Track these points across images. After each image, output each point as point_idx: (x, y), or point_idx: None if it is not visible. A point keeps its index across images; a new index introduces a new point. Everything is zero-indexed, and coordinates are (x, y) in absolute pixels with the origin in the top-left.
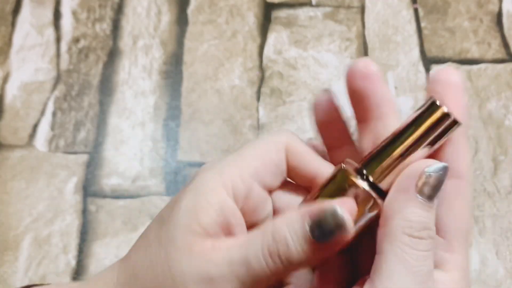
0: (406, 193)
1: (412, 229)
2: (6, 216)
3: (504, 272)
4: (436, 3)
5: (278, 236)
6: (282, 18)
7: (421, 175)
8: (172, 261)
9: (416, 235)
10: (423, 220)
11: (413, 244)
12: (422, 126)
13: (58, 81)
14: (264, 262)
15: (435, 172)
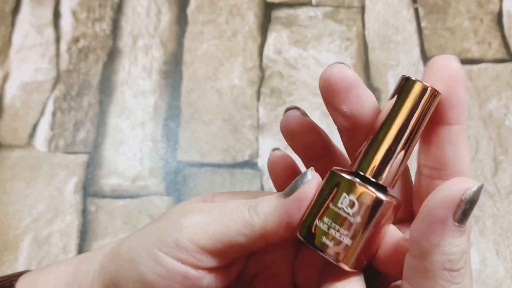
0: (444, 224)
1: (453, 262)
2: (6, 216)
3: (504, 272)
4: (436, 3)
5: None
6: (282, 18)
7: (460, 203)
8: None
9: (456, 268)
10: (462, 249)
11: (453, 278)
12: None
13: (58, 81)
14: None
15: (475, 196)
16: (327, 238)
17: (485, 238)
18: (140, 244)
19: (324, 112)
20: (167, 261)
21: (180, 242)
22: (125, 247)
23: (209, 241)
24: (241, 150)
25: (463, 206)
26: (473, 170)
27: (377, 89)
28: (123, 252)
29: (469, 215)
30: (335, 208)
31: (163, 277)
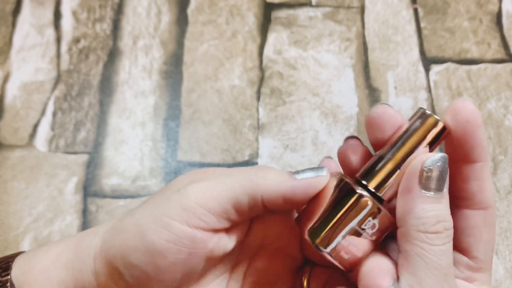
0: (412, 192)
1: (426, 225)
2: (6, 216)
3: (503, 271)
4: (435, 3)
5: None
6: (282, 18)
7: (421, 171)
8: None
9: (431, 231)
10: (435, 214)
11: (430, 240)
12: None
13: (58, 81)
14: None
15: (433, 164)
16: (345, 252)
17: None
18: (146, 215)
19: (323, 112)
20: (175, 226)
21: (188, 206)
22: (130, 221)
23: (215, 203)
24: (241, 150)
25: (426, 174)
26: None
27: (377, 89)
28: (128, 226)
29: (436, 183)
30: (359, 229)
31: (172, 242)
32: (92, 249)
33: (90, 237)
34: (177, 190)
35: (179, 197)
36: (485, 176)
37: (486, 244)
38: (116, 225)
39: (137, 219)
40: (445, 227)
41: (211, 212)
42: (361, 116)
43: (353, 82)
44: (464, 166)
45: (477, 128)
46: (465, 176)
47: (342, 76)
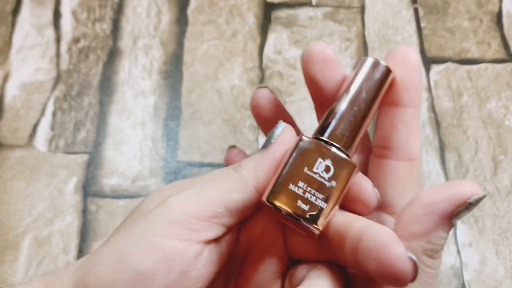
0: (441, 218)
1: (434, 251)
2: (6, 216)
3: (503, 272)
4: (436, 3)
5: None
6: (282, 18)
7: (463, 204)
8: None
9: (435, 256)
10: (443, 243)
11: (431, 264)
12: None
13: (58, 81)
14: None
15: (478, 201)
16: (303, 202)
17: (485, 238)
18: (124, 239)
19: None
20: (162, 243)
21: (174, 218)
22: (104, 251)
23: (203, 208)
24: None
25: (464, 208)
26: (473, 170)
27: None
28: (104, 256)
29: (462, 216)
30: (311, 173)
31: (160, 262)
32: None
33: (59, 278)
34: (155, 207)
35: (161, 211)
36: (414, 125)
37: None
38: (88, 259)
39: (113, 246)
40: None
41: (200, 219)
42: None
43: None
44: (395, 109)
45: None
46: (394, 121)
47: None
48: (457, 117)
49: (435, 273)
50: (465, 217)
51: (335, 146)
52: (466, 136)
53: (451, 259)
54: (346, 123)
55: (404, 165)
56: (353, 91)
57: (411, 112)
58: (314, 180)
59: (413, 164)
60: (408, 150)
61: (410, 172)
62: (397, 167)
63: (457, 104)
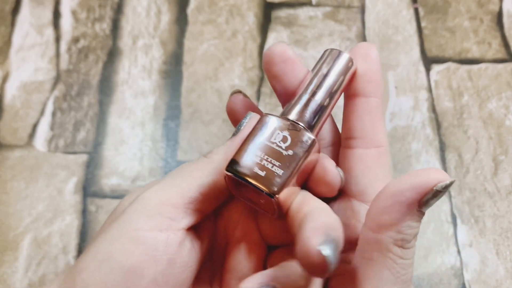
0: (408, 207)
1: (405, 241)
2: (6, 216)
3: (504, 272)
4: (436, 3)
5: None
6: (282, 18)
7: (431, 191)
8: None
9: (407, 246)
10: (414, 232)
11: (403, 254)
12: (323, 69)
13: (58, 81)
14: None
15: (445, 188)
16: (260, 168)
17: (485, 238)
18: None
19: None
20: (144, 236)
21: (151, 210)
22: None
23: (178, 196)
24: None
25: (431, 195)
26: (473, 170)
27: None
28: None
29: (432, 204)
30: (268, 142)
31: (145, 255)
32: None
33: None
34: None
35: (138, 206)
36: (378, 114)
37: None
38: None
39: (96, 250)
40: (416, 240)
41: (177, 207)
42: None
43: None
44: (359, 100)
45: (375, 63)
46: (360, 111)
47: None
48: (457, 117)
49: (408, 263)
50: (466, 217)
51: (294, 121)
52: (467, 136)
53: (452, 259)
54: (307, 104)
55: (372, 152)
56: (316, 77)
57: (375, 101)
58: (271, 148)
59: (381, 150)
60: (374, 138)
61: (378, 158)
62: (366, 154)
63: (458, 104)
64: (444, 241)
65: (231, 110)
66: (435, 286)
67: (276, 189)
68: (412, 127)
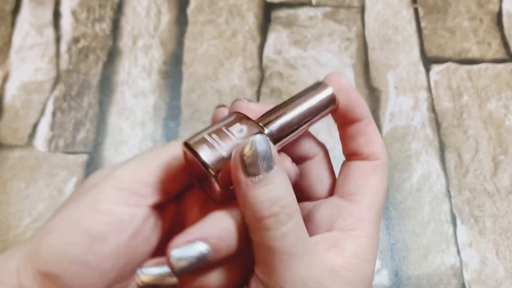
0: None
1: (261, 211)
2: (6, 216)
3: (504, 272)
4: (436, 3)
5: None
6: (282, 18)
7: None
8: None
9: (267, 215)
10: (268, 197)
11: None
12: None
13: (58, 81)
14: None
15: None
16: (208, 146)
17: (485, 238)
18: (76, 208)
19: None
20: (113, 208)
21: (122, 186)
22: (56, 221)
23: (148, 174)
24: None
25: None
26: (473, 170)
27: (377, 89)
28: (57, 225)
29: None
30: (226, 130)
31: (111, 225)
32: (13, 266)
33: (6, 256)
34: (103, 178)
35: (110, 181)
36: (370, 132)
37: (373, 192)
38: (37, 232)
39: (64, 215)
40: (282, 205)
41: (146, 185)
42: None
43: (353, 82)
44: (350, 127)
45: (351, 92)
46: (352, 135)
47: None
48: (457, 117)
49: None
50: (466, 217)
51: (259, 125)
52: (467, 136)
53: (451, 259)
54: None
55: (369, 164)
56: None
57: (364, 123)
58: (225, 134)
59: (377, 163)
60: (371, 152)
61: (373, 168)
62: (362, 165)
63: (457, 104)
64: (444, 241)
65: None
66: (435, 286)
67: (215, 170)
68: (412, 127)
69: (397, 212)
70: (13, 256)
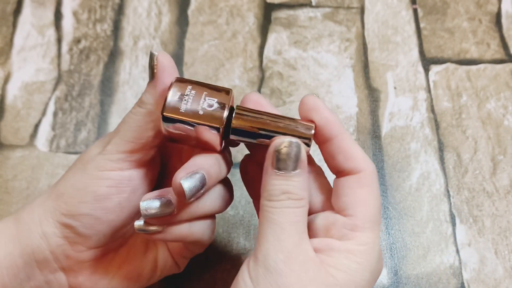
0: (266, 172)
1: (271, 195)
2: (7, 216)
3: (503, 271)
4: (435, 4)
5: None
6: (282, 19)
7: (273, 153)
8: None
9: (274, 199)
10: (281, 188)
11: (272, 205)
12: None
13: (59, 82)
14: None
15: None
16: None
17: (484, 237)
18: (82, 176)
19: None
20: (112, 174)
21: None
22: (66, 185)
23: (134, 145)
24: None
25: (276, 155)
26: (472, 170)
27: (376, 89)
28: (66, 187)
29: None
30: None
31: (113, 187)
32: (37, 218)
33: (28, 210)
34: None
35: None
36: (346, 146)
37: (362, 203)
38: (51, 193)
39: (73, 181)
40: (290, 198)
41: (136, 151)
42: (361, 116)
43: (353, 82)
44: (327, 145)
45: (323, 109)
46: (331, 154)
47: (342, 77)
48: (456, 117)
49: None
50: (465, 217)
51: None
52: (465, 136)
53: (450, 258)
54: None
55: (353, 178)
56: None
57: (339, 140)
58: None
59: (361, 175)
60: (352, 166)
61: (358, 181)
62: (348, 180)
63: (456, 104)
64: (443, 241)
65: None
66: (434, 285)
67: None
68: (411, 127)
69: (396, 211)
70: (35, 211)
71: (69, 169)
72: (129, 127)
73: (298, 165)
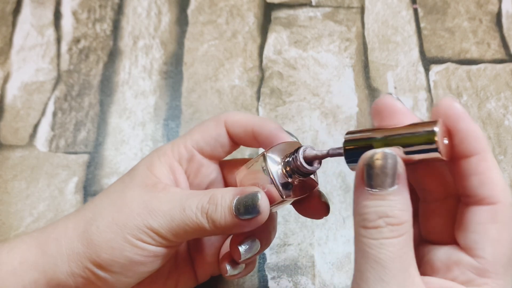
0: (357, 189)
1: (366, 221)
2: (7, 216)
3: None
4: (435, 4)
5: (212, 199)
6: (282, 19)
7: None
8: (127, 191)
9: (370, 226)
10: (376, 210)
11: (369, 234)
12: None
13: (59, 81)
14: (194, 213)
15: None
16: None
17: None
18: (115, 234)
19: (323, 112)
20: (145, 246)
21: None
22: (99, 236)
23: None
24: (241, 150)
25: (366, 171)
26: None
27: (376, 89)
28: (100, 241)
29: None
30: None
31: (143, 256)
32: (64, 254)
33: (54, 243)
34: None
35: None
36: (485, 170)
37: (495, 243)
38: (84, 234)
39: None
40: (388, 222)
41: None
42: (361, 116)
43: (353, 82)
44: (461, 162)
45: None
46: (464, 173)
47: (342, 76)
48: None
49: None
50: None
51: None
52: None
53: None
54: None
55: (486, 209)
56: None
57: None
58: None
59: (497, 207)
60: (487, 195)
61: (493, 215)
62: (479, 212)
63: None
64: None
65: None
66: None
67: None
68: None
69: None
70: (62, 245)
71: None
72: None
73: (396, 180)
